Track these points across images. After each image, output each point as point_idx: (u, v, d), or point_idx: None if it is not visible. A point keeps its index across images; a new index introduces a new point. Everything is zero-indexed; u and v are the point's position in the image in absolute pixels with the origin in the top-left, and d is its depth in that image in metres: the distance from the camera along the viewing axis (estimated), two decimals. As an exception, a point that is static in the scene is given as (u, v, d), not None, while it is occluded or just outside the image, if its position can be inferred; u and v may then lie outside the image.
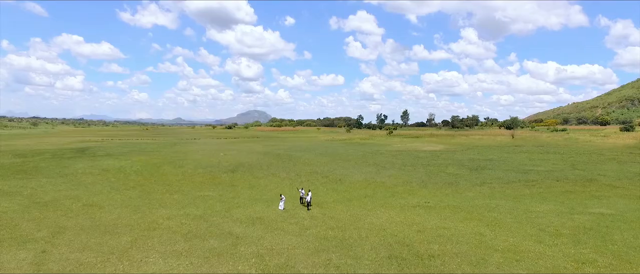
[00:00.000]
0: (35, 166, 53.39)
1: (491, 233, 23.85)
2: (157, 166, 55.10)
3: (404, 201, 33.93)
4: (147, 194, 35.86)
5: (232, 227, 24.94)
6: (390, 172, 51.68)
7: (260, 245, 21.38)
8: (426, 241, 22.24)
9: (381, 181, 44.92)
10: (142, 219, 26.62)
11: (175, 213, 28.66)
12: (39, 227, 24.18)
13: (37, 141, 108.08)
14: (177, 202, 32.52)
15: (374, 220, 27.06)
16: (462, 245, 21.53)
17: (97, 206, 30.34)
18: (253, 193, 37.21)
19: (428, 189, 40.32)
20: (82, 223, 25.42)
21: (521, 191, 39.31)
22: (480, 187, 42.17)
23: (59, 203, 31.19)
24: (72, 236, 22.49)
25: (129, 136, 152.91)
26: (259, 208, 30.85)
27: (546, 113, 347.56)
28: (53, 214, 27.69)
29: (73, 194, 34.84)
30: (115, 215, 27.61)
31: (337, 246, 21.49)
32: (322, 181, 45.36)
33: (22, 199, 32.53)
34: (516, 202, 33.32)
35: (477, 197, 36.43)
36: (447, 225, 25.79)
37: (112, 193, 35.87)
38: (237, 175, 48.17)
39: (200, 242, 21.79)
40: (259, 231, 24.04)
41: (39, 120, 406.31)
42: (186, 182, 42.63)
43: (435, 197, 36.19)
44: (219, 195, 35.76)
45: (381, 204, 32.58)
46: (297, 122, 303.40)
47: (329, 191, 39.21)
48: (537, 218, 27.77)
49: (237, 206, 31.42)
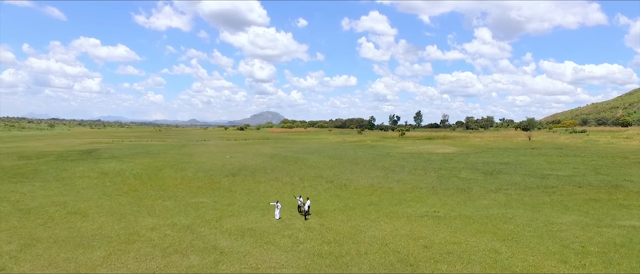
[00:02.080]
0: (34, 169, 52.35)
1: (507, 250, 21.11)
2: (158, 170, 53.47)
3: (412, 210, 31.30)
4: (139, 200, 34.02)
5: (218, 240, 22.76)
6: (400, 177, 48.97)
7: (244, 263, 19.12)
8: (433, 260, 19.65)
9: (388, 187, 42.27)
10: (123, 229, 24.66)
11: (161, 222, 26.64)
12: (10, 239, 22.42)
13: (48, 143, 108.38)
14: (167, 210, 30.54)
15: (376, 232, 24.55)
16: (473, 265, 18.88)
17: (81, 214, 28.55)
18: (250, 200, 35.03)
19: (438, 196, 37.54)
20: (58, 233, 23.57)
21: (540, 199, 36.21)
22: (495, 194, 39.15)
23: (43, 210, 29.53)
24: (42, 249, 20.61)
25: (140, 137, 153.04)
26: (253, 216, 28.63)
27: (564, 114, 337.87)
28: (32, 223, 25.97)
29: (61, 200, 33.22)
30: (97, 224, 25.73)
31: (332, 264, 19.08)
32: (326, 186, 42.95)
33: (6, 206, 31.02)
34: (535, 212, 30.35)
35: (491, 205, 33.54)
36: (458, 239, 23.12)
37: (102, 199, 34.14)
38: (237, 179, 46.12)
39: (180, 258, 19.65)
40: (247, 246, 21.79)
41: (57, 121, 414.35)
42: (183, 188, 40.73)
43: (445, 205, 33.42)
44: (214, 202, 33.69)
45: (386, 214, 30.02)
46: (309, 124, 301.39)
47: (332, 197, 36.79)
48: (560, 231, 24.85)
49: (230, 214, 29.26)
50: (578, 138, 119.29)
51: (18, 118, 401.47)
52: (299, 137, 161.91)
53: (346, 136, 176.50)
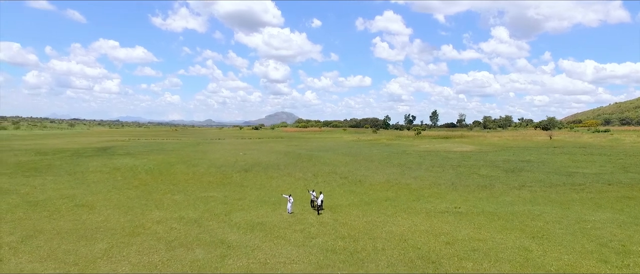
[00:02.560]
0: (48, 164, 52.40)
1: (539, 248, 19.30)
2: (170, 165, 52.91)
3: (431, 206, 29.58)
4: (148, 194, 33.18)
5: (226, 234, 21.56)
6: (417, 174, 47.16)
7: (252, 258, 17.85)
8: (457, 257, 18.02)
9: (406, 183, 40.54)
10: (129, 222, 23.71)
11: (168, 215, 25.63)
12: (13, 230, 21.68)
13: (66, 141, 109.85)
14: (176, 203, 29.55)
15: (394, 228, 22.99)
16: (502, 263, 17.18)
17: (88, 207, 27.78)
18: (261, 194, 33.82)
19: (458, 193, 35.66)
20: (62, 225, 22.76)
21: (568, 196, 33.98)
22: (518, 190, 37.04)
23: (50, 203, 28.90)
24: (43, 241, 19.76)
25: (156, 136, 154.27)
26: (264, 211, 27.39)
27: (585, 114, 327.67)
28: (37, 215, 25.27)
29: (70, 194, 32.62)
30: (102, 217, 24.87)
31: (346, 260, 17.65)
32: (340, 182, 41.47)
33: (15, 198, 30.54)
34: (565, 210, 28.28)
35: (516, 202, 31.54)
36: (483, 236, 21.39)
37: (111, 193, 33.43)
38: (249, 175, 45.05)
39: (184, 252, 18.50)
40: (256, 240, 20.53)
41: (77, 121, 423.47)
42: (193, 182, 39.83)
43: (467, 201, 31.58)
44: (224, 196, 32.59)
45: (403, 209, 28.39)
46: (324, 123, 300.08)
47: (346, 192, 35.29)
48: (594, 229, 22.86)
49: (240, 208, 28.09)
50: (602, 137, 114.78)
51: (41, 118, 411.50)
52: (313, 136, 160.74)
53: (361, 135, 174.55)
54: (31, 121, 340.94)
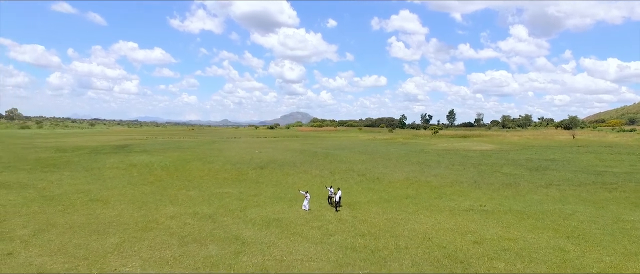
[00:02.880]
0: (67, 160, 52.82)
1: (576, 249, 17.86)
2: (186, 162, 52.69)
3: (454, 204, 28.21)
4: (163, 189, 32.73)
5: (241, 230, 20.74)
6: (436, 171, 45.66)
7: (268, 255, 16.95)
8: (487, 257, 16.74)
9: (425, 181, 39.15)
10: (142, 217, 23.14)
11: (182, 210, 24.99)
12: (26, 223, 21.33)
13: (85, 139, 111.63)
14: (191, 199, 28.96)
15: (417, 226, 21.79)
16: (538, 265, 15.84)
17: (102, 202, 27.40)
18: (277, 191, 32.99)
19: (482, 191, 34.13)
20: (75, 219, 22.33)
21: (601, 195, 32.09)
22: (546, 189, 35.26)
23: (65, 197, 28.66)
24: (55, 235, 19.29)
25: (173, 135, 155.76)
26: (280, 207, 26.51)
27: (608, 113, 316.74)
28: (52, 209, 24.97)
29: (85, 189, 32.42)
30: (116, 212, 24.39)
31: (367, 259, 16.58)
32: (358, 179, 40.35)
33: (32, 192, 30.46)
34: (599, 209, 26.53)
35: (544, 200, 29.88)
36: (513, 235, 20.02)
37: (126, 188, 33.11)
38: (265, 172, 44.34)
39: (197, 248, 17.73)
40: (271, 236, 19.64)
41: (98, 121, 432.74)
42: (209, 179, 39.31)
43: (492, 200, 30.07)
44: (239, 192, 31.88)
45: (425, 207, 27.11)
46: (339, 123, 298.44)
47: (364, 190, 34.16)
48: (635, 229, 21.20)
49: (256, 204, 27.28)
50: (628, 137, 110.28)
51: (63, 118, 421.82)
52: (329, 135, 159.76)
53: (377, 134, 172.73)
54: (54, 120, 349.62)
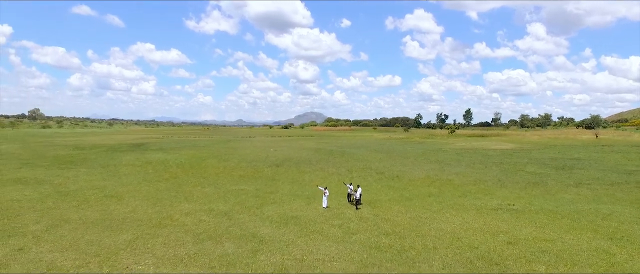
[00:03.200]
0: (84, 158, 53.00)
1: (622, 251, 16.35)
2: (201, 159, 52.29)
3: (480, 202, 26.77)
4: (178, 186, 32.14)
5: (258, 227, 19.82)
6: (457, 170, 44.07)
7: (287, 253, 15.96)
8: (524, 259, 15.41)
9: (447, 179, 37.67)
10: (157, 213, 22.45)
11: (198, 207, 24.24)
12: (40, 219, 20.84)
13: (103, 138, 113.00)
14: (206, 195, 28.22)
15: (443, 225, 20.53)
16: (582, 268, 14.45)
17: (117, 197, 26.88)
18: (294, 188, 32.04)
19: (508, 189, 32.52)
20: (89, 215, 21.77)
21: (636, 195, 30.17)
22: (576, 188, 33.43)
23: (80, 193, 28.27)
24: (68, 231, 18.70)
25: (189, 134, 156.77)
26: (298, 204, 25.53)
27: (631, 112, 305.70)
28: (66, 204, 24.53)
29: (100, 185, 32.06)
30: (130, 208, 23.78)
31: (394, 259, 15.44)
32: (376, 177, 39.12)
33: (47, 188, 30.21)
34: (638, 209, 24.76)
35: (576, 200, 28.17)
36: (549, 236, 18.58)
37: (141, 184, 32.64)
38: (281, 169, 43.48)
39: (213, 246, 16.87)
40: (290, 234, 18.65)
41: (116, 121, 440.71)
42: (224, 176, 38.63)
43: (520, 198, 28.50)
44: (255, 189, 31.04)
45: (450, 205, 25.76)
46: (353, 123, 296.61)
47: (384, 188, 32.94)
48: (683, 230, 19.49)
49: (272, 202, 26.36)
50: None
51: (82, 118, 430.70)
52: (343, 135, 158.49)
53: (392, 133, 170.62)
54: (74, 120, 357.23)
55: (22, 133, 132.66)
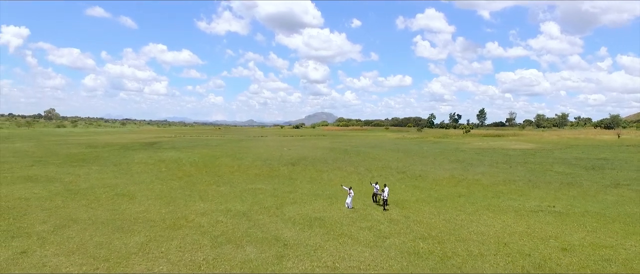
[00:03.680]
0: (97, 156, 52.14)
1: (699, 260, 14.29)
2: (215, 158, 51.00)
3: (516, 204, 24.74)
4: (192, 185, 30.70)
5: (280, 229, 18.17)
6: (481, 170, 41.93)
7: (316, 259, 14.26)
8: (588, 268, 13.46)
9: (474, 179, 35.61)
10: (170, 213, 20.96)
11: (214, 207, 22.69)
12: (47, 218, 19.50)
13: (116, 137, 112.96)
14: (222, 195, 26.69)
15: (483, 228, 18.62)
16: (662, 280, 12.47)
17: (129, 196, 25.50)
18: (313, 187, 30.35)
19: (542, 190, 30.36)
20: (99, 215, 20.37)
21: (685, 197, 27.77)
22: (615, 189, 31.10)
23: (91, 192, 26.97)
24: (76, 231, 17.28)
25: (201, 133, 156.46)
26: (319, 205, 23.83)
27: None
28: (76, 203, 23.21)
29: (112, 183, 30.79)
30: (142, 207, 22.34)
31: (437, 267, 13.63)
32: (398, 176, 37.23)
33: (58, 186, 29.02)
34: (695, 212, 22.48)
35: (621, 202, 25.92)
36: (606, 242, 16.56)
37: (154, 183, 31.29)
38: (297, 168, 41.85)
39: (233, 250, 15.25)
40: (316, 238, 16.96)
41: (129, 121, 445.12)
42: (239, 174, 37.13)
43: (558, 200, 26.36)
44: (273, 189, 29.43)
45: (484, 207, 23.79)
46: (365, 123, 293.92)
47: (408, 187, 31.05)
48: None
49: (292, 202, 24.70)
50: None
51: (96, 118, 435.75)
52: (356, 134, 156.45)
53: (405, 133, 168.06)
54: (88, 120, 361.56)
55: (37, 132, 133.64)
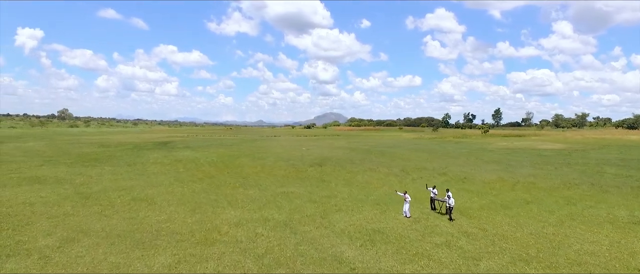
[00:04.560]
0: (109, 155, 49.28)
1: None
2: (234, 158, 47.76)
3: (602, 213, 20.89)
4: (216, 187, 27.38)
5: (337, 246, 14.65)
6: (527, 171, 37.98)
7: (403, 292, 10.74)
8: None
9: (527, 181, 31.72)
10: (199, 224, 17.58)
11: (247, 215, 19.27)
12: (53, 229, 16.25)
13: (128, 136, 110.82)
14: (252, 200, 23.28)
15: (589, 246, 14.88)
16: None
17: (148, 201, 22.22)
18: (353, 191, 26.80)
19: (615, 195, 26.41)
20: (114, 225, 17.08)
21: None
22: (697, 195, 27.02)
23: (104, 195, 23.76)
24: (86, 248, 13.97)
25: (213, 133, 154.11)
26: (370, 212, 20.28)
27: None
28: (87, 210, 19.97)
29: (127, 185, 27.58)
30: (165, 215, 19.01)
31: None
32: (441, 178, 33.49)
33: (68, 188, 25.88)
34: None
35: None
36: None
37: (174, 185, 28.03)
38: (326, 169, 38.34)
39: (288, 275, 11.81)
40: (387, 258, 13.41)
41: (140, 121, 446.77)
42: (265, 176, 33.76)
43: (645, 208, 22.44)
44: (308, 192, 25.96)
45: (567, 216, 20.00)
46: (377, 123, 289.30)
47: (460, 191, 27.33)
48: None
49: (336, 209, 21.19)
50: None
51: (109, 118, 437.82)
52: (370, 134, 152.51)
53: (420, 133, 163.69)
54: (100, 120, 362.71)
55: (50, 132, 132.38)
